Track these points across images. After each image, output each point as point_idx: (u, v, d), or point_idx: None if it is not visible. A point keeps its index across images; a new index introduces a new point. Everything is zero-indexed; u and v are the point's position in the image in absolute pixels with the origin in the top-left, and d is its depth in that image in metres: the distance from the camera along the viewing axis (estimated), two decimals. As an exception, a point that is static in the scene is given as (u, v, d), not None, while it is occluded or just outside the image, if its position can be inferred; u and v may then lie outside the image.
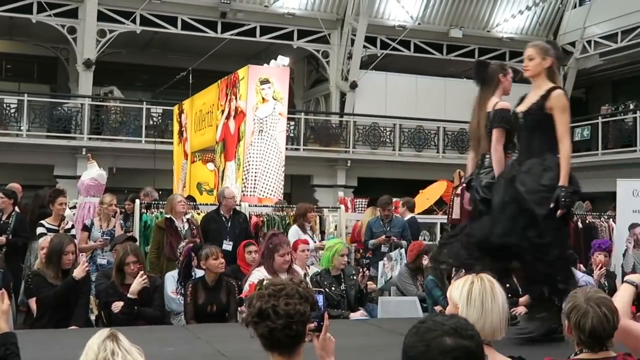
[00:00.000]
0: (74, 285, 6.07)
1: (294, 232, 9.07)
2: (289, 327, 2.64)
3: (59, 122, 19.18)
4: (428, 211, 14.19)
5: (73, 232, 8.62)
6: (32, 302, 6.20)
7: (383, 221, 10.10)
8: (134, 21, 19.74)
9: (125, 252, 6.26)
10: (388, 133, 21.48)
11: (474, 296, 2.97)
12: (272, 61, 12.36)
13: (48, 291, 6.10)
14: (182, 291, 6.60)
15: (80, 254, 6.50)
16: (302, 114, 21.81)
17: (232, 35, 20.69)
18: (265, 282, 2.94)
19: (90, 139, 18.75)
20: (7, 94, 19.78)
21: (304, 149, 20.37)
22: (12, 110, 18.87)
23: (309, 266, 7.65)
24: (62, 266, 6.24)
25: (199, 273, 6.73)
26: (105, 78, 21.08)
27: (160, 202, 9.49)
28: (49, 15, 19.11)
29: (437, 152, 21.74)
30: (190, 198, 10.92)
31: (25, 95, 19.13)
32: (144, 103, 20.06)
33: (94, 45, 19.33)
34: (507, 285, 5.70)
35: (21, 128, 18.76)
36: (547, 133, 5.08)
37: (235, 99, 11.46)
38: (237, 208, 9.30)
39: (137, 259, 6.24)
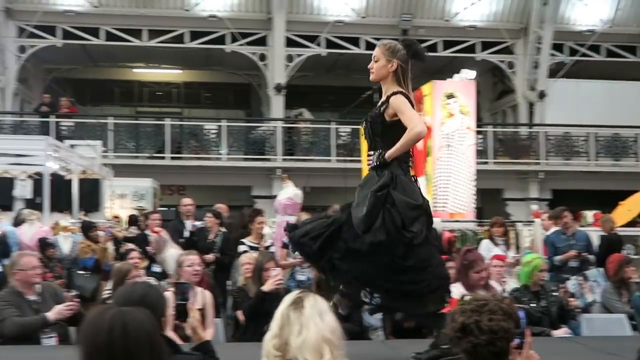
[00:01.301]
0: (264, 298, 6.31)
1: (485, 246, 8.93)
2: (493, 344, 2.62)
3: (254, 145, 20.20)
4: (631, 223, 13.39)
5: (272, 249, 9.02)
6: (240, 314, 6.56)
7: (565, 234, 9.41)
8: (319, 44, 20.45)
9: (324, 269, 6.45)
10: (582, 142, 20.55)
11: None
12: (456, 75, 12.30)
13: (245, 305, 6.44)
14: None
15: (272, 269, 6.79)
16: (490, 126, 21.40)
17: (415, 51, 20.78)
18: (466, 298, 2.94)
19: (284, 159, 19.56)
20: (207, 121, 21.21)
21: (493, 162, 19.96)
22: (213, 136, 20.17)
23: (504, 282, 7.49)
24: (262, 282, 6.54)
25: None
26: (295, 101, 21.92)
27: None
28: (241, 45, 20.26)
29: (637, 160, 20.45)
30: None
31: (223, 121, 20.37)
32: (332, 123, 20.64)
33: (283, 69, 20.23)
34: None
35: (221, 152, 19.98)
36: (385, 143, 4.51)
37: (421, 115, 11.51)
38: (428, 224, 9.30)
39: (335, 275, 6.41)
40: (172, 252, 9.03)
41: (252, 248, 8.83)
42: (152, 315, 2.42)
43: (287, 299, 2.92)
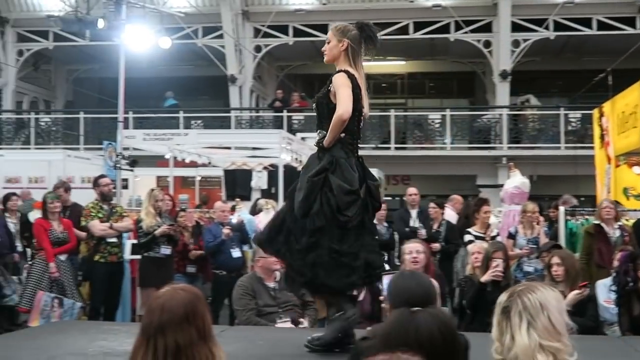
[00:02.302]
0: (484, 288, 6.26)
1: None
2: None
3: (479, 133, 19.96)
4: None
5: (498, 239, 8.90)
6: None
7: None
8: (547, 28, 19.67)
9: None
10: None
11: None
12: None
13: (467, 296, 6.44)
14: (616, 301, 6.39)
15: (494, 259, 6.66)
16: None
17: (654, 29, 19.33)
18: None
19: (509, 147, 19.11)
20: (431, 110, 21.28)
21: None
22: (437, 125, 20.21)
23: None
24: (489, 271, 6.49)
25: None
26: (521, 87, 21.29)
27: (584, 209, 9.30)
28: (465, 33, 20.05)
29: None
30: (616, 204, 10.45)
31: (447, 110, 20.33)
32: (561, 109, 19.79)
33: (509, 56, 19.72)
34: None
35: (445, 141, 19.96)
36: (329, 124, 4.46)
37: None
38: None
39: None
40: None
41: (477, 237, 8.79)
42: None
43: (500, 301, 2.75)
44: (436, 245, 9.16)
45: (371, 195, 4.59)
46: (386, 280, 4.06)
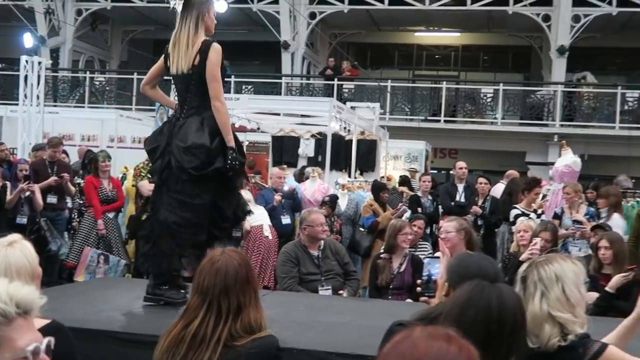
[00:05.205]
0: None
1: None
2: None
3: (531, 109, 19.64)
4: None
5: (543, 217, 8.81)
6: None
7: None
8: (610, 3, 19.12)
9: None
10: None
11: None
12: None
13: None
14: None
15: (535, 238, 6.55)
16: None
17: None
18: None
19: (562, 125, 18.77)
20: (483, 84, 20.98)
21: None
22: (488, 100, 19.92)
23: None
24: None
25: None
26: (578, 64, 20.80)
27: (637, 192, 9.14)
28: (525, 6, 19.65)
29: None
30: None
31: (501, 84, 20.00)
32: (619, 88, 19.29)
33: (568, 31, 19.26)
34: None
35: (496, 116, 19.69)
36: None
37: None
38: None
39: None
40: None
41: (524, 214, 8.73)
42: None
43: (520, 271, 2.84)
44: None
45: (172, 154, 4.77)
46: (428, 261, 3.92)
